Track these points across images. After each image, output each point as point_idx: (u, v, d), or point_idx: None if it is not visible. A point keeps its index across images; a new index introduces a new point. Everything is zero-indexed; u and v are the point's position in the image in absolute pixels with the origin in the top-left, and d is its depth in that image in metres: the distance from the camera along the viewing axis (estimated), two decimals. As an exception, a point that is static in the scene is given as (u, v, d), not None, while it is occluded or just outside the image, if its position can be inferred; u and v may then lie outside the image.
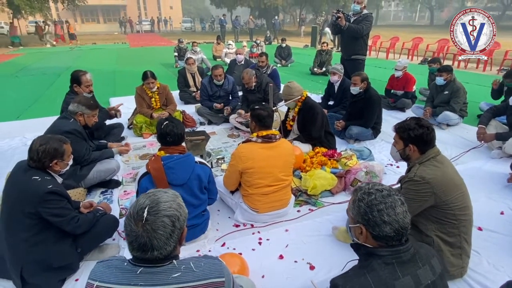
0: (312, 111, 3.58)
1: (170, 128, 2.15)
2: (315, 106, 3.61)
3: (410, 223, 1.20)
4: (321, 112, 3.69)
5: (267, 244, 2.37)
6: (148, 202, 1.11)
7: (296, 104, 3.69)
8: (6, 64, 12.64)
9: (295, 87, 3.62)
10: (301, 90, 3.64)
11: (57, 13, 41.00)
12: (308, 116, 3.64)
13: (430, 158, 2.00)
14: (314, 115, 3.55)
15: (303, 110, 3.69)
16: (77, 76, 3.72)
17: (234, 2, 29.96)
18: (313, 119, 3.58)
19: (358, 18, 4.99)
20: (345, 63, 5.21)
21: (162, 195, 1.15)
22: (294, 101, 3.64)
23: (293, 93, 3.58)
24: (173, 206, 1.13)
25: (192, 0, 58.70)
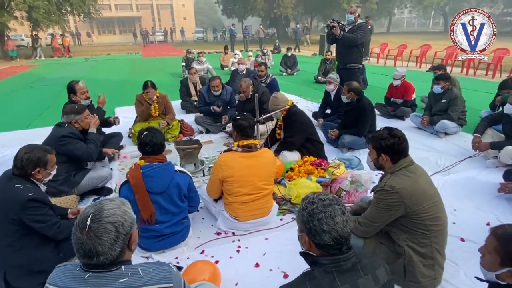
0: (293, 117, 3.66)
1: (149, 138, 2.24)
2: (297, 114, 3.68)
3: (350, 232, 1.23)
4: (304, 120, 3.74)
5: (245, 252, 2.40)
6: (92, 210, 1.18)
7: (282, 113, 3.75)
8: (23, 75, 13.20)
9: (281, 97, 3.72)
10: (287, 100, 3.72)
11: (75, 25, 42.64)
12: (290, 123, 3.71)
13: (402, 168, 2.01)
14: (295, 121, 3.62)
15: (286, 117, 3.77)
16: (71, 86, 3.89)
17: (244, 12, 30.39)
18: (294, 125, 3.64)
19: (353, 27, 5.11)
20: (340, 72, 5.31)
21: (107, 203, 1.22)
22: (280, 111, 3.70)
23: (280, 103, 3.64)
24: (117, 213, 1.19)
25: (205, 10, 59.85)
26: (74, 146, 2.97)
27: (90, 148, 3.02)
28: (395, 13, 45.78)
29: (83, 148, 3.01)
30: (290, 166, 3.42)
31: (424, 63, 12.06)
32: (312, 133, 3.76)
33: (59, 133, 2.98)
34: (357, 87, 4.12)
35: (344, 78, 5.10)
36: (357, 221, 2.12)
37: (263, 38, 24.89)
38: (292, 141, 3.66)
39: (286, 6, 27.72)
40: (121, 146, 4.53)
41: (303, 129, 3.68)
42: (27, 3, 17.26)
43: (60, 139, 2.94)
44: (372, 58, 14.49)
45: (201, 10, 60.31)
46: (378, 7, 29.99)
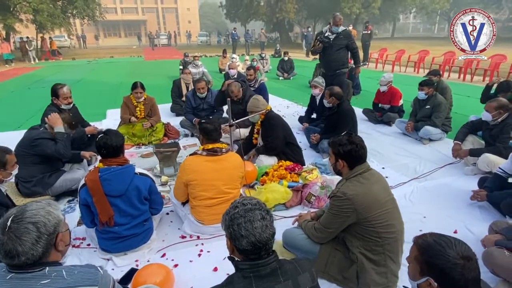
0: (271, 122, 3.66)
1: (104, 141, 2.25)
2: (275, 118, 3.68)
3: (270, 236, 1.23)
4: (281, 124, 3.74)
5: (206, 256, 2.40)
6: (14, 211, 1.19)
7: (260, 117, 3.75)
8: (24, 77, 13.38)
9: (261, 100, 3.71)
10: (266, 104, 3.72)
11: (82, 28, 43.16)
12: (268, 127, 3.70)
13: (357, 174, 2.00)
14: (273, 126, 3.62)
15: (265, 122, 3.75)
16: (55, 89, 3.94)
17: (247, 16, 30.57)
18: (272, 130, 3.64)
19: (339, 36, 5.21)
20: (328, 78, 5.32)
21: (31, 204, 1.23)
22: (258, 114, 3.70)
23: (259, 106, 3.64)
24: (40, 213, 1.20)
25: (210, 14, 60.31)
26: (47, 144, 3.00)
27: (58, 147, 3.03)
28: (399, 18, 45.70)
29: (53, 146, 3.03)
30: (265, 171, 3.42)
31: (422, 68, 12.00)
32: (290, 137, 3.75)
33: (32, 135, 3.02)
34: (338, 92, 4.12)
35: (334, 82, 5.11)
36: (314, 227, 2.12)
37: (265, 42, 25.00)
38: (273, 146, 3.65)
39: (288, 11, 27.85)
40: (104, 148, 4.55)
41: (283, 133, 3.68)
42: (32, 6, 17.53)
43: (33, 140, 2.97)
44: (371, 63, 14.47)
45: (206, 14, 60.79)
46: (382, 12, 29.98)
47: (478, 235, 2.49)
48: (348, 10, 24.71)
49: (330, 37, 5.18)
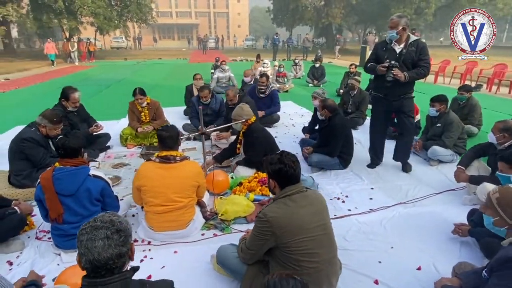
0: (253, 135, 3.60)
1: (62, 141, 2.38)
2: (257, 131, 3.61)
3: (114, 257, 1.20)
4: (263, 137, 3.66)
5: (147, 262, 2.42)
6: None
7: (242, 127, 3.70)
8: (75, 75, 14.69)
9: (246, 109, 3.66)
10: (250, 114, 3.66)
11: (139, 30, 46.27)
12: (250, 140, 3.64)
13: (286, 195, 1.89)
14: (255, 138, 3.54)
15: (246, 133, 3.71)
16: (66, 92, 4.24)
17: (293, 21, 30.46)
18: (253, 143, 3.57)
19: (410, 48, 3.44)
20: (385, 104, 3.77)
21: None
22: (241, 123, 3.66)
23: (242, 115, 3.60)
24: None
25: (259, 19, 61.14)
26: (30, 152, 3.26)
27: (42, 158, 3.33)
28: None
29: (38, 155, 3.29)
30: (240, 181, 3.37)
31: (469, 80, 10.99)
32: (273, 150, 3.65)
33: (22, 135, 3.29)
34: (331, 104, 3.92)
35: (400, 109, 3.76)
36: (241, 246, 2.03)
37: (309, 47, 24.68)
38: (253, 161, 3.61)
39: (334, 16, 27.23)
40: (107, 147, 4.83)
41: (264, 147, 3.60)
42: (90, 10, 19.23)
43: (22, 140, 3.25)
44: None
45: (255, 19, 61.79)
46: (437, 18, 27.99)
47: (443, 275, 2.21)
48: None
49: (397, 49, 3.51)
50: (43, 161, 3.38)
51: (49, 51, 18.09)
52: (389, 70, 3.44)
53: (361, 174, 3.93)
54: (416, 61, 3.47)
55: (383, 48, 3.63)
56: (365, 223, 2.91)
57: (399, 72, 3.39)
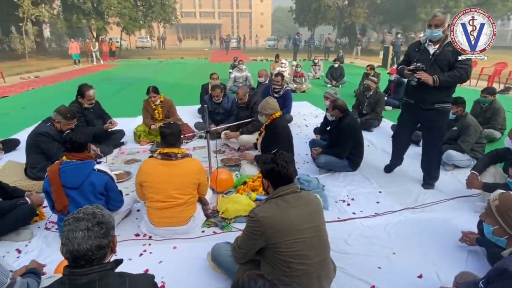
0: (277, 130, 3.53)
1: (70, 136, 2.48)
2: (281, 127, 3.55)
3: (94, 248, 1.23)
4: (286, 135, 3.62)
5: (145, 256, 2.48)
6: None
7: (266, 120, 3.65)
8: (100, 73, 15.21)
9: (272, 103, 3.60)
10: (276, 108, 3.60)
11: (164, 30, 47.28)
12: (271, 134, 3.59)
13: (278, 195, 1.88)
14: (277, 135, 3.50)
15: (270, 127, 3.63)
16: (82, 90, 4.39)
17: (315, 21, 30.14)
18: (275, 139, 3.50)
19: (446, 48, 2.99)
20: (414, 113, 3.41)
21: None
22: (266, 116, 3.62)
23: (267, 108, 3.55)
24: None
25: (282, 19, 60.89)
26: (45, 146, 3.41)
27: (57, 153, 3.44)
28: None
29: (53, 149, 3.43)
30: (244, 180, 3.38)
31: (497, 82, 10.47)
32: (289, 148, 3.62)
33: (38, 130, 3.45)
34: (342, 104, 3.85)
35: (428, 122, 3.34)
36: (233, 245, 2.04)
37: (331, 47, 24.32)
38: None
39: (358, 16, 26.70)
40: (121, 143, 4.97)
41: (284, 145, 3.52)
42: (116, 11, 19.87)
43: (37, 135, 3.41)
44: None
45: (278, 19, 61.62)
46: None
47: (445, 284, 2.13)
48: (424, 16, 22.67)
49: (431, 50, 3.10)
50: (57, 155, 3.52)
51: (73, 51, 18.51)
52: (414, 73, 3.10)
53: (370, 177, 3.84)
54: (452, 63, 3.00)
55: (415, 49, 3.28)
56: (369, 227, 2.84)
57: (425, 74, 3.01)
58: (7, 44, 24.55)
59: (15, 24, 22.22)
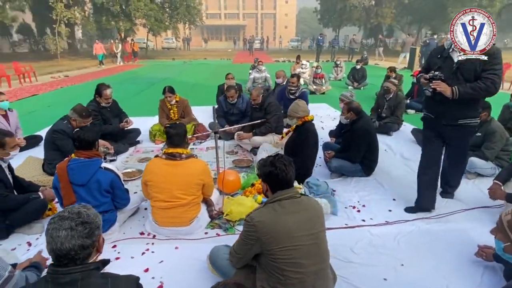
0: (307, 134, 3.45)
1: (78, 134, 2.54)
2: (311, 132, 3.46)
3: (77, 248, 1.23)
4: (313, 141, 3.52)
5: (147, 255, 2.49)
6: None
7: (297, 121, 3.54)
8: (125, 73, 15.69)
9: (303, 106, 3.52)
10: (307, 111, 3.53)
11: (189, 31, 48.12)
12: (299, 137, 3.50)
13: (276, 200, 1.83)
14: (304, 139, 3.42)
15: (300, 129, 3.53)
16: (100, 89, 4.52)
17: (340, 22, 29.61)
18: (301, 143, 3.44)
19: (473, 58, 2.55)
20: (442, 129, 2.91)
21: None
22: (297, 119, 3.53)
23: (299, 111, 3.48)
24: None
25: (307, 20, 60.35)
26: (61, 143, 3.52)
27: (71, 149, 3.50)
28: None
29: (68, 146, 3.52)
30: (252, 182, 3.34)
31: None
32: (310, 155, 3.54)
33: (55, 127, 3.58)
34: (357, 106, 3.73)
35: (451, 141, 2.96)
36: (230, 249, 2.00)
37: (356, 48, 23.83)
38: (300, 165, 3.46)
39: (385, 16, 25.99)
40: (137, 141, 5.07)
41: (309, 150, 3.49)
42: (143, 13, 20.44)
43: (53, 132, 3.53)
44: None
45: (303, 20, 61.16)
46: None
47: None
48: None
49: (455, 57, 2.64)
50: (71, 152, 3.60)
51: (98, 51, 18.80)
52: (430, 82, 2.71)
53: (384, 183, 3.69)
54: (479, 73, 2.55)
55: (438, 56, 2.83)
56: (378, 236, 2.71)
57: (442, 84, 2.61)
58: (42, 45, 25.85)
59: (50, 26, 23.36)
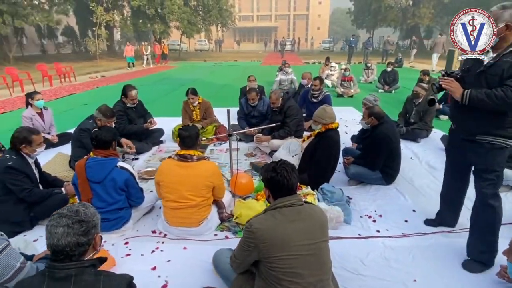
0: (329, 142, 3.34)
1: (96, 134, 2.66)
2: (334, 140, 3.37)
3: (72, 245, 1.28)
4: (335, 151, 3.44)
5: (156, 254, 2.55)
6: None
7: (321, 128, 3.45)
8: (158, 74, 16.23)
9: (329, 112, 3.42)
10: (333, 118, 3.43)
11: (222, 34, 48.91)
12: (321, 144, 3.40)
13: (276, 207, 1.80)
14: (325, 147, 3.33)
15: (322, 135, 3.43)
16: (126, 90, 4.71)
17: (374, 23, 28.73)
18: (322, 150, 3.34)
19: (505, 59, 2.10)
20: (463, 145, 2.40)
21: None
22: (322, 125, 3.44)
23: (325, 117, 3.39)
24: None
25: (341, 20, 59.16)
26: (86, 141, 3.68)
27: None
28: None
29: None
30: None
31: None
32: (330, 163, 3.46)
33: (81, 126, 3.77)
34: (379, 111, 3.59)
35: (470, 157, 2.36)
36: (231, 254, 2.00)
37: (390, 50, 23.01)
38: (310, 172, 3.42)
39: (422, 17, 24.85)
40: (161, 141, 5.23)
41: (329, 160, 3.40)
42: (177, 15, 21.08)
43: (80, 130, 3.73)
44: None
45: (337, 20, 60.05)
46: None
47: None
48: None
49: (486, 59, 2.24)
50: None
51: (128, 53, 19.02)
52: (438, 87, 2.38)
53: (405, 192, 3.52)
54: (505, 78, 2.08)
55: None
56: (391, 248, 2.59)
57: (453, 83, 2.25)
58: (84, 46, 27.42)
59: (91, 29, 24.76)
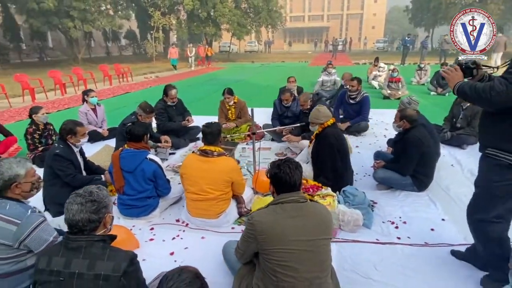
0: (329, 140, 3.32)
1: (129, 128, 2.94)
2: (333, 137, 3.33)
3: (84, 220, 1.48)
4: (340, 146, 3.38)
5: (176, 241, 2.74)
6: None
7: (318, 129, 3.49)
8: (207, 75, 16.91)
9: (324, 111, 3.45)
10: (329, 116, 3.43)
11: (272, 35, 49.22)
12: (321, 144, 3.43)
13: (278, 202, 1.87)
14: (326, 145, 3.32)
15: (320, 136, 3.47)
16: (166, 89, 5.06)
17: (434, 21, 26.78)
18: (323, 150, 3.36)
19: None
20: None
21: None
22: (319, 126, 3.47)
23: (320, 118, 3.42)
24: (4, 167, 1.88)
25: (398, 19, 56.09)
26: None
27: None
28: None
29: None
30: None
31: None
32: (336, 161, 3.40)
33: (124, 120, 4.16)
34: (412, 114, 3.43)
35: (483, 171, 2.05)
36: (236, 244, 2.09)
37: (448, 50, 21.34)
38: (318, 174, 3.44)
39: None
40: (197, 138, 5.50)
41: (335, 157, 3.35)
42: (227, 18, 21.75)
43: (123, 125, 4.10)
44: None
45: (394, 19, 57.05)
46: None
47: None
48: None
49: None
50: None
51: (172, 56, 19.15)
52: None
53: (438, 200, 3.31)
54: None
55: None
56: (409, 257, 2.48)
57: (452, 72, 1.98)
58: (143, 49, 29.50)
59: (150, 32, 26.55)
